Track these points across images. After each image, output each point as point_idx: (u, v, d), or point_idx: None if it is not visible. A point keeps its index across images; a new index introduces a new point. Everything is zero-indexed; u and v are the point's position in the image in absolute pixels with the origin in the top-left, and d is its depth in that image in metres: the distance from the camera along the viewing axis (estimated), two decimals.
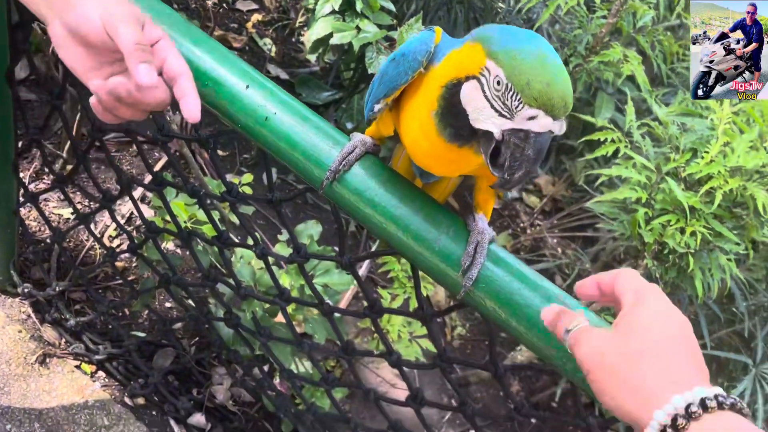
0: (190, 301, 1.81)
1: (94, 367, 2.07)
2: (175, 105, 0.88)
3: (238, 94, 1.00)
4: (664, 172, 1.52)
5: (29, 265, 2.14)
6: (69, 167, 2.35)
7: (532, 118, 0.72)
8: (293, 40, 3.48)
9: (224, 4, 3.45)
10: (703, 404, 0.62)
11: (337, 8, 1.64)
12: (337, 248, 1.69)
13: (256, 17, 3.46)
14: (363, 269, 2.69)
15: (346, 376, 2.33)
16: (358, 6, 1.65)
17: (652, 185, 1.54)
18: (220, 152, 2.88)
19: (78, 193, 2.40)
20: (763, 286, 1.89)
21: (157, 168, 2.59)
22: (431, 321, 1.26)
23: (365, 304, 1.26)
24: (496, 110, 0.74)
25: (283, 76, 3.34)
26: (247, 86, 1.00)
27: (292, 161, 1.00)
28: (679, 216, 1.47)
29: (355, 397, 2.32)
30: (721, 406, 0.62)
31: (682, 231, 1.45)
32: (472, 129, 0.77)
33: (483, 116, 0.75)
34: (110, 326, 2.11)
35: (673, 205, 1.49)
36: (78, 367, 2.05)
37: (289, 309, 1.87)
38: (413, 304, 1.91)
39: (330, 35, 1.65)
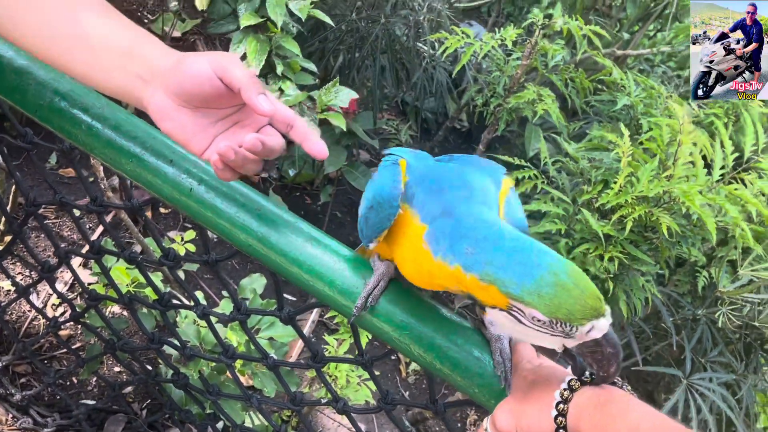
0: (138, 365, 1.81)
1: None
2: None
3: (161, 168, 1.05)
4: (579, 203, 1.63)
5: None
6: (7, 238, 2.33)
7: (590, 330, 0.74)
8: None
9: None
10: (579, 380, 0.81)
11: (258, 72, 1.71)
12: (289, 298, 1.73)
13: None
14: (313, 314, 2.72)
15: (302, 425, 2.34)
16: (279, 69, 1.72)
17: (570, 217, 1.64)
18: (162, 210, 2.89)
19: (18, 263, 2.38)
20: (688, 299, 2.00)
21: (96, 234, 2.58)
22: (371, 366, 1.31)
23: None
24: (548, 334, 0.76)
25: None
26: (171, 161, 1.04)
27: (219, 228, 1.05)
28: (597, 244, 1.57)
29: None
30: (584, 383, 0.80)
31: (602, 257, 1.55)
32: None
33: (529, 337, 0.79)
34: (58, 397, 2.08)
35: (590, 234, 1.59)
36: None
37: (238, 364, 1.89)
38: (364, 341, 1.95)
39: None
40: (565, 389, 0.80)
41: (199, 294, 2.18)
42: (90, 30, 0.90)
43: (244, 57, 1.72)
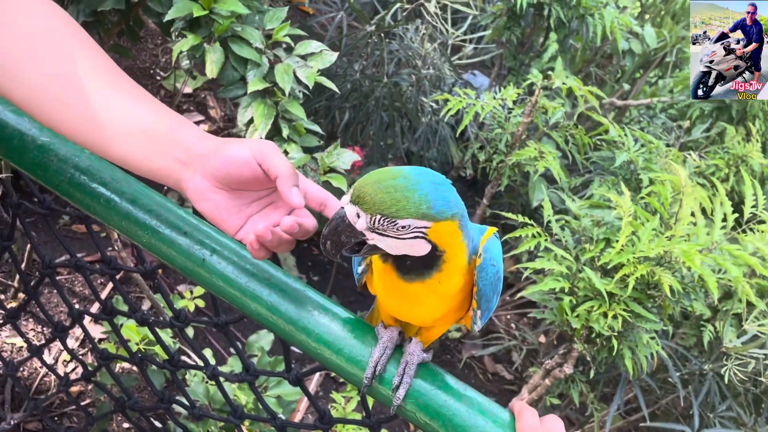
0: (147, 422, 1.82)
1: None
2: None
3: (176, 239, 1.09)
4: (582, 261, 1.66)
5: None
6: (21, 295, 2.37)
7: (344, 195, 0.87)
8: None
9: None
10: None
11: (264, 136, 1.78)
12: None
13: (203, 128, 3.60)
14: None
15: None
16: (285, 132, 1.80)
17: (573, 274, 1.66)
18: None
19: (30, 320, 2.41)
20: (695, 353, 2.00)
21: (107, 290, 2.62)
22: (379, 428, 1.32)
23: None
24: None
25: None
26: (185, 232, 1.09)
27: (230, 297, 1.08)
28: (600, 301, 1.59)
29: None
30: None
31: (606, 315, 1.57)
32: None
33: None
34: None
35: (594, 292, 1.61)
36: None
37: (246, 423, 1.89)
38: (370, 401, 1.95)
39: None
40: None
41: (207, 351, 2.20)
42: (129, 115, 0.95)
43: (251, 121, 1.80)
